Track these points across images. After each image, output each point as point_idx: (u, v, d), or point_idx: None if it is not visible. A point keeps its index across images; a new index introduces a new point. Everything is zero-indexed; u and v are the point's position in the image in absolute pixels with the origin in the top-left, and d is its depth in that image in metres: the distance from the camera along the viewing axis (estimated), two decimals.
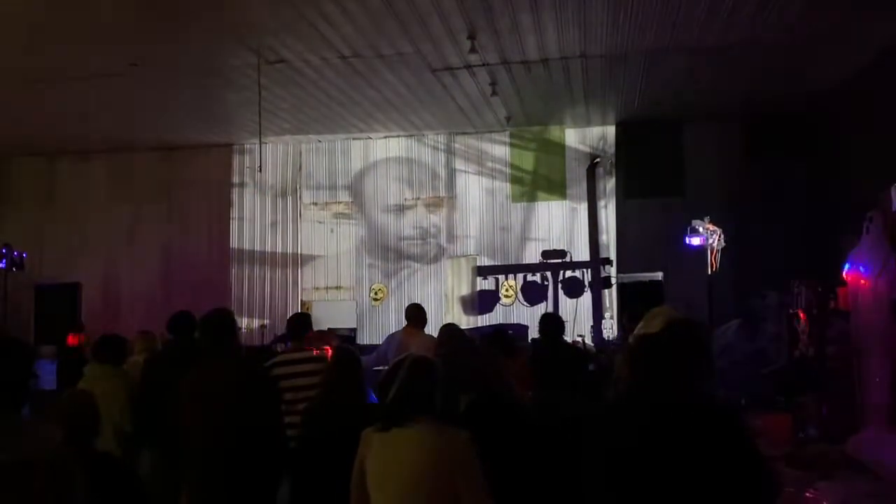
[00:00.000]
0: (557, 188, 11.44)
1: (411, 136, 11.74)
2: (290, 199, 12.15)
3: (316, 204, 12.11)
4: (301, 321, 5.36)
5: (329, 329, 8.98)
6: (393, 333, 6.58)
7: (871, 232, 5.51)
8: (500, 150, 11.65)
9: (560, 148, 11.48)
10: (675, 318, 2.29)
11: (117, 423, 4.54)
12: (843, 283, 6.05)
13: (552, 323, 5.80)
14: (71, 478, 2.32)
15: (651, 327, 2.32)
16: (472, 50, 7.59)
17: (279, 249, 12.09)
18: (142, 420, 4.69)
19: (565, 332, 6.36)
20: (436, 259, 11.68)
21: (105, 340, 5.17)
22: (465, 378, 3.53)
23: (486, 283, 11.26)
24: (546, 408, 4.04)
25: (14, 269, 10.00)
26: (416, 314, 6.13)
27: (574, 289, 10.82)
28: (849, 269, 5.91)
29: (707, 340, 2.44)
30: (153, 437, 4.72)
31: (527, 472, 3.47)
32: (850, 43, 7.76)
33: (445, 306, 11.46)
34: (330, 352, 4.48)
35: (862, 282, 5.57)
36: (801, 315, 6.25)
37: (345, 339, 9.32)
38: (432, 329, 5.86)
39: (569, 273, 10.88)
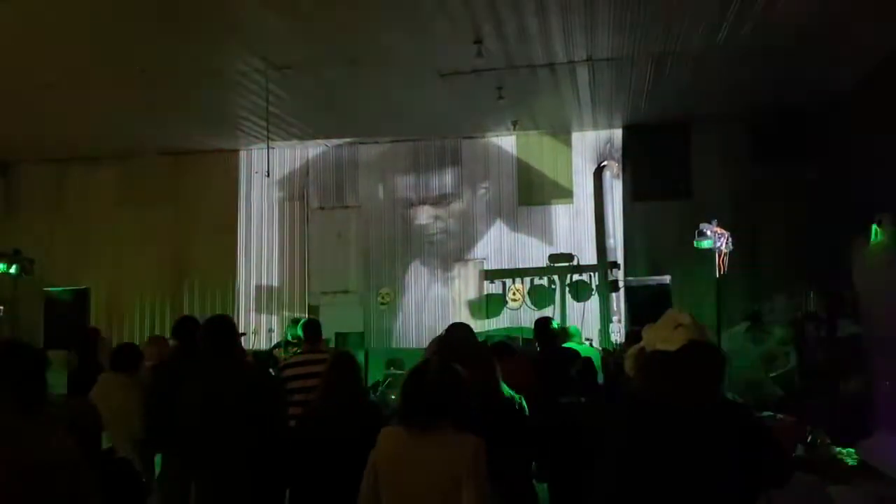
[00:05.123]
0: (564, 191, 11.43)
1: (418, 139, 11.74)
2: (297, 203, 12.18)
3: (323, 208, 12.13)
4: (313, 327, 5.54)
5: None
6: None
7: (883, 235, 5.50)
8: (506, 153, 11.65)
9: (567, 151, 11.48)
10: (694, 340, 2.30)
11: (132, 431, 4.59)
12: (853, 286, 6.04)
13: (544, 326, 5.90)
14: (88, 480, 2.37)
15: (669, 340, 2.32)
16: (479, 54, 7.61)
17: (287, 253, 12.12)
18: (152, 425, 4.73)
19: (556, 335, 6.43)
20: (443, 263, 11.68)
21: (120, 349, 5.25)
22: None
23: (493, 287, 11.28)
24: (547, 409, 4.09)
25: (23, 275, 10.06)
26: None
27: (581, 292, 10.83)
28: (858, 272, 5.91)
29: (724, 365, 2.47)
30: (164, 441, 4.75)
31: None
32: (858, 44, 7.75)
33: (453, 310, 11.46)
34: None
35: (872, 285, 5.56)
36: (811, 318, 6.23)
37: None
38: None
39: (576, 276, 10.89)
